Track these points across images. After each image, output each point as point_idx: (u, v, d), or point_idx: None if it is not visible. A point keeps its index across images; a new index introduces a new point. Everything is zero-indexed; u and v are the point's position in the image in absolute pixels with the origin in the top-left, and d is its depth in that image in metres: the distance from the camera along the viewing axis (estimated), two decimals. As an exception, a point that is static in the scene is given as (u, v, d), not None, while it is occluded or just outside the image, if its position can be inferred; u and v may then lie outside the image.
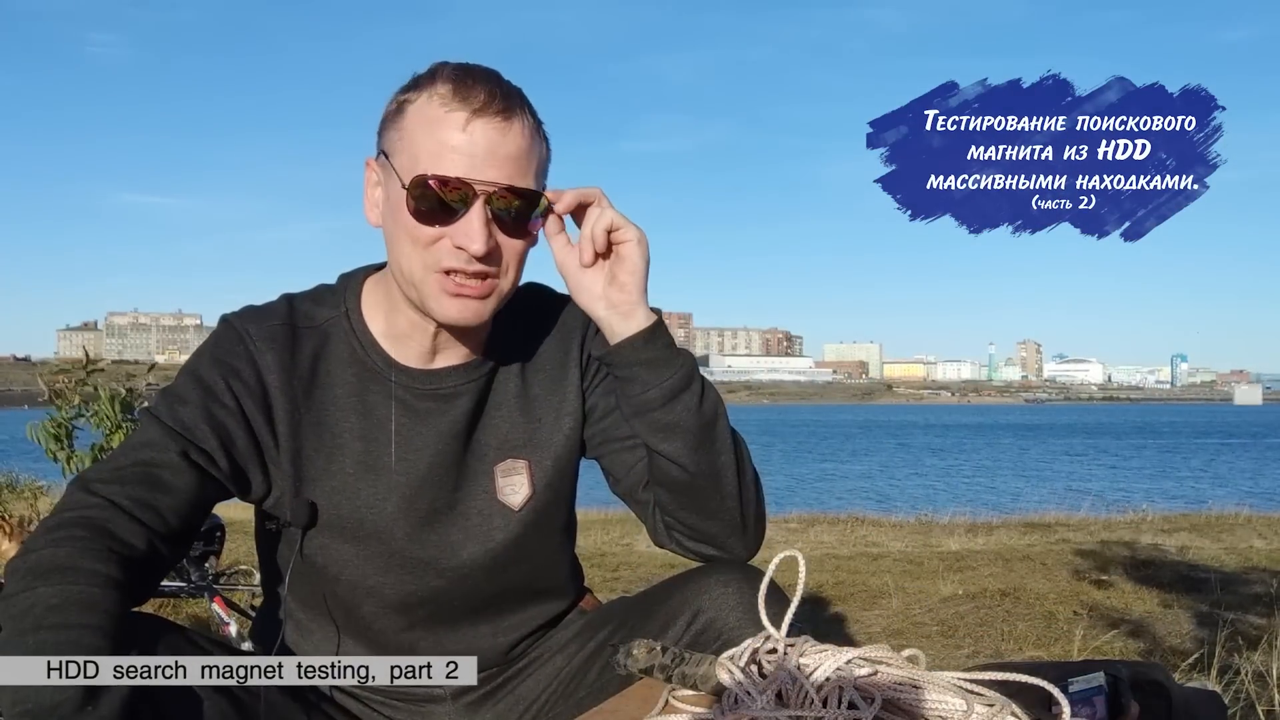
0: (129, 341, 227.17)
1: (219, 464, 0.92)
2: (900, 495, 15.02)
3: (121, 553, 0.83)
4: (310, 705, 0.99)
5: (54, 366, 3.52)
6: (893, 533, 6.43)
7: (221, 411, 0.93)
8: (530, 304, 1.07)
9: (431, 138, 0.89)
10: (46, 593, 0.77)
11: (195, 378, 0.95)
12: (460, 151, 0.88)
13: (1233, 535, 5.93)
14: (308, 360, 0.98)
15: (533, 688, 1.07)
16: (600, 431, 1.05)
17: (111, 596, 0.79)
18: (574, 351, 1.06)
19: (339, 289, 1.03)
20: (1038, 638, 2.94)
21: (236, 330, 0.97)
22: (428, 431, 0.99)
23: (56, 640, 0.74)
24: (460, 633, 1.04)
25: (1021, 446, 37.67)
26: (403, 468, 0.98)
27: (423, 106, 0.90)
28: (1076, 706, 1.03)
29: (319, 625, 1.03)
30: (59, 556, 0.80)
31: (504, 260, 0.93)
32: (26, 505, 4.30)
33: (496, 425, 1.02)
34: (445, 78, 0.90)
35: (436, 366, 1.00)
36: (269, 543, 1.04)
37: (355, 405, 0.98)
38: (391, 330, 0.99)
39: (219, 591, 2.49)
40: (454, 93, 0.89)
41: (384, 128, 0.94)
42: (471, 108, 0.88)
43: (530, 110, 0.93)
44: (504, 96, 0.90)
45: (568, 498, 1.07)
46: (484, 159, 0.88)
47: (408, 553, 0.99)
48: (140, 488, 0.87)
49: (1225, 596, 3.44)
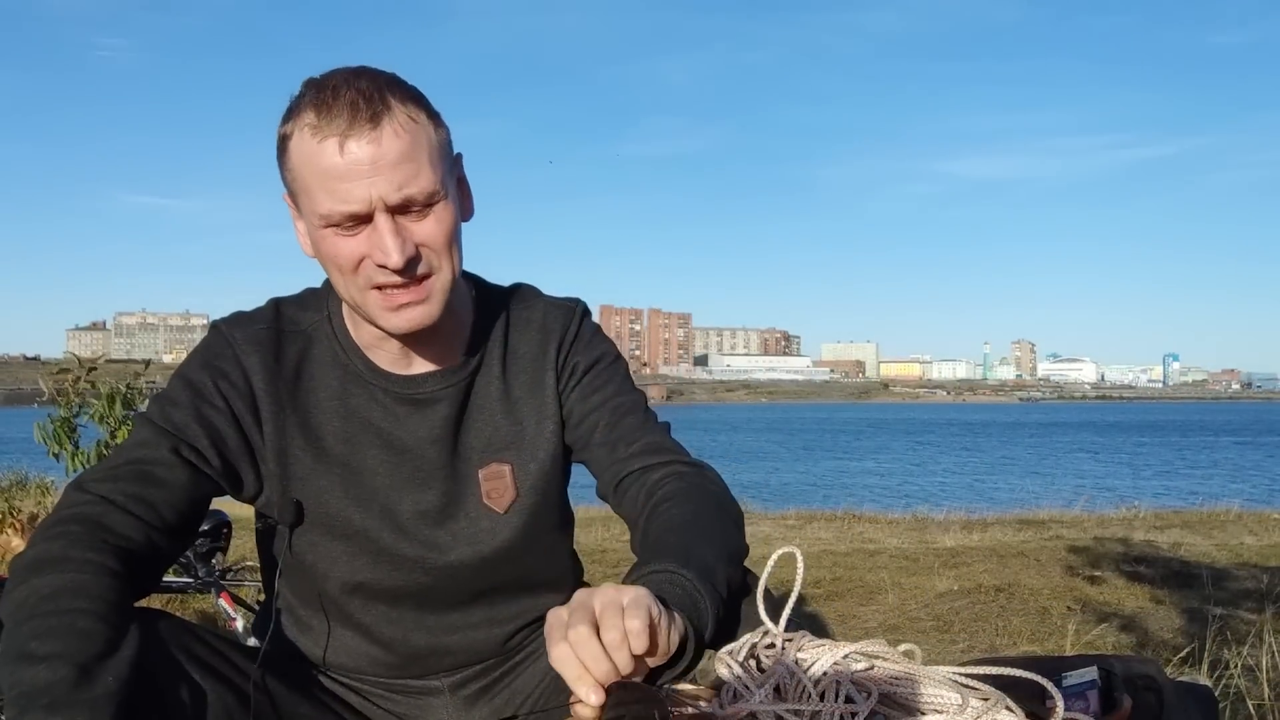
0: (137, 341, 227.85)
1: (211, 461, 0.94)
2: (942, 493, 14.85)
3: (116, 544, 0.84)
4: (308, 695, 1.00)
5: (54, 366, 3.54)
6: (889, 529, 6.46)
7: (211, 411, 0.95)
8: (512, 304, 1.08)
9: (316, 175, 0.88)
10: (39, 583, 0.78)
11: (185, 381, 0.97)
12: (347, 177, 0.87)
13: (1224, 532, 5.97)
14: (292, 363, 0.99)
15: (528, 681, 1.08)
16: (578, 438, 1.06)
17: (105, 583, 0.79)
18: (551, 354, 1.06)
19: (323, 294, 1.04)
20: (1031, 633, 2.97)
21: (223, 335, 0.99)
22: (408, 436, 1.00)
23: (49, 625, 0.74)
24: (452, 625, 1.04)
25: (1037, 443, 37.82)
26: (386, 470, 1.00)
27: (299, 143, 0.89)
28: (1070, 701, 1.05)
29: (312, 619, 1.05)
30: (53, 550, 0.81)
31: (432, 256, 0.92)
32: (35, 502, 4.32)
33: (479, 429, 1.03)
34: (308, 104, 0.88)
35: (414, 372, 1.01)
36: (265, 540, 1.06)
37: (338, 408, 1.00)
38: (363, 340, 1.01)
39: (225, 587, 2.51)
40: (319, 118, 0.87)
41: (279, 163, 0.94)
42: (339, 130, 0.86)
43: (402, 99, 0.89)
44: (367, 103, 0.87)
45: (555, 497, 1.07)
46: (370, 172, 0.87)
47: (395, 550, 1.00)
48: (133, 484, 0.88)
49: (1216, 592, 3.48)
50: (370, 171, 0.87)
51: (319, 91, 0.89)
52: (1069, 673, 1.02)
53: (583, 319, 1.10)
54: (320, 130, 0.87)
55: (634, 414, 1.07)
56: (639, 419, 1.07)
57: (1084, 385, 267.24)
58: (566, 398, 1.07)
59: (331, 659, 1.05)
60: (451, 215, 0.93)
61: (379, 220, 0.88)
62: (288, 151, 0.91)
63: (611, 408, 1.06)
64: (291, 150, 0.90)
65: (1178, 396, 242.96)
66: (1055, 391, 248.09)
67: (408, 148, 0.88)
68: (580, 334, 1.09)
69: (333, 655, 1.05)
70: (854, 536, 5.98)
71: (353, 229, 0.89)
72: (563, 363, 1.07)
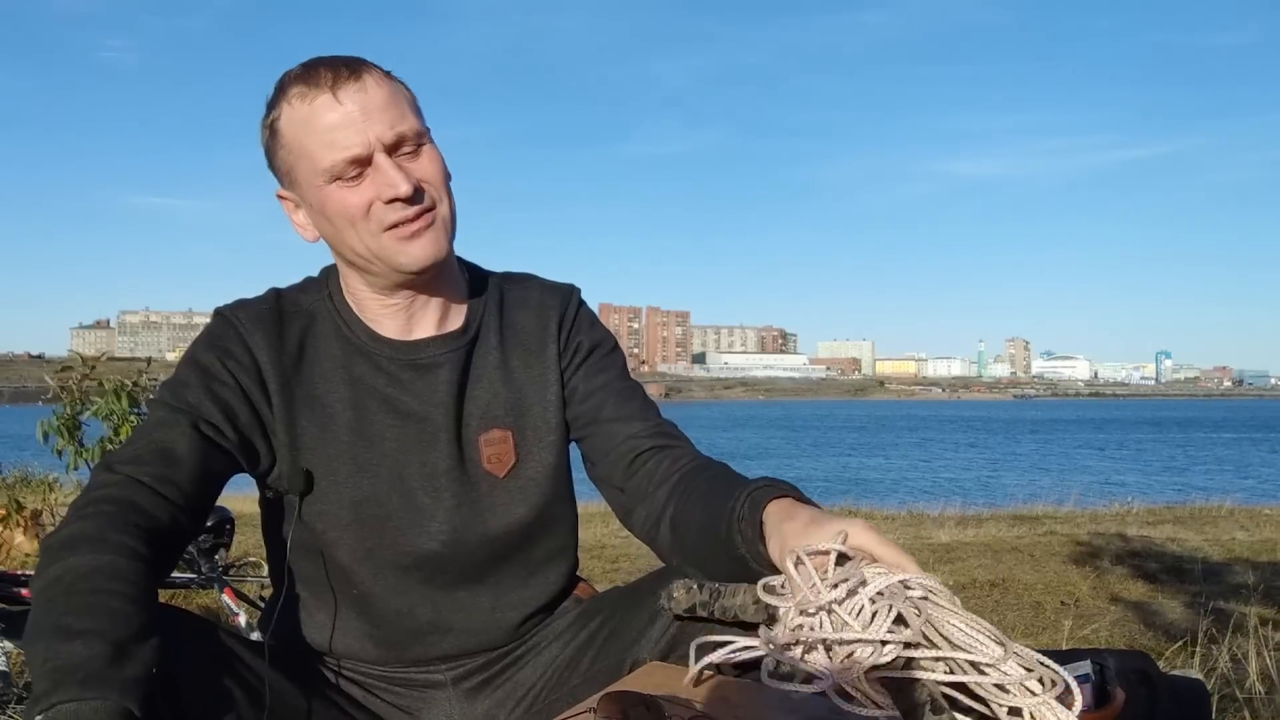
0: (141, 340, 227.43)
1: (227, 435, 0.97)
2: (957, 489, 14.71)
3: (146, 525, 0.86)
4: (313, 689, 1.01)
5: (58, 364, 3.54)
6: (884, 525, 6.49)
7: (221, 388, 0.98)
8: (507, 283, 1.12)
9: (314, 133, 0.95)
10: (76, 562, 0.79)
11: (193, 363, 1.00)
12: (342, 125, 0.94)
13: (1216, 527, 6.01)
14: (295, 338, 1.03)
15: (529, 675, 1.08)
16: (583, 414, 1.08)
17: (137, 568, 0.81)
18: (552, 329, 1.09)
19: (320, 278, 1.08)
20: (1026, 627, 2.99)
21: (227, 318, 1.02)
22: (413, 400, 1.03)
23: (86, 603, 0.75)
24: (458, 601, 1.05)
25: (1043, 440, 37.85)
26: (393, 434, 1.02)
27: (290, 114, 0.96)
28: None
29: (319, 600, 1.06)
30: (88, 529, 0.83)
31: (431, 190, 0.98)
32: (39, 499, 4.32)
33: (478, 396, 1.06)
34: (293, 80, 0.96)
35: (416, 338, 1.05)
36: (273, 521, 1.07)
37: (343, 376, 1.03)
38: (366, 313, 1.05)
39: (228, 583, 2.52)
40: (308, 85, 0.95)
41: (271, 158, 1.01)
42: (328, 85, 0.94)
43: (371, 65, 0.98)
44: (347, 63, 0.96)
45: (555, 468, 1.08)
46: (363, 118, 0.94)
47: (401, 515, 1.02)
48: (158, 464, 0.91)
49: (1209, 587, 3.51)
50: (362, 117, 0.94)
51: (301, 68, 0.97)
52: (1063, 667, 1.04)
53: (581, 301, 1.14)
54: (309, 94, 0.95)
55: (642, 399, 1.11)
56: (647, 404, 1.10)
57: (1077, 383, 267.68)
58: (569, 374, 1.09)
59: (338, 644, 1.06)
60: (440, 156, 1.00)
61: (378, 160, 0.95)
62: (279, 133, 0.97)
63: (618, 389, 1.09)
64: (283, 128, 0.97)
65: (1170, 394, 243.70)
66: (1049, 389, 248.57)
67: (390, 94, 0.97)
68: (581, 315, 1.13)
69: (339, 640, 1.06)
70: (850, 533, 6.00)
71: (356, 178, 0.95)
72: (565, 340, 1.10)
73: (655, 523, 1.03)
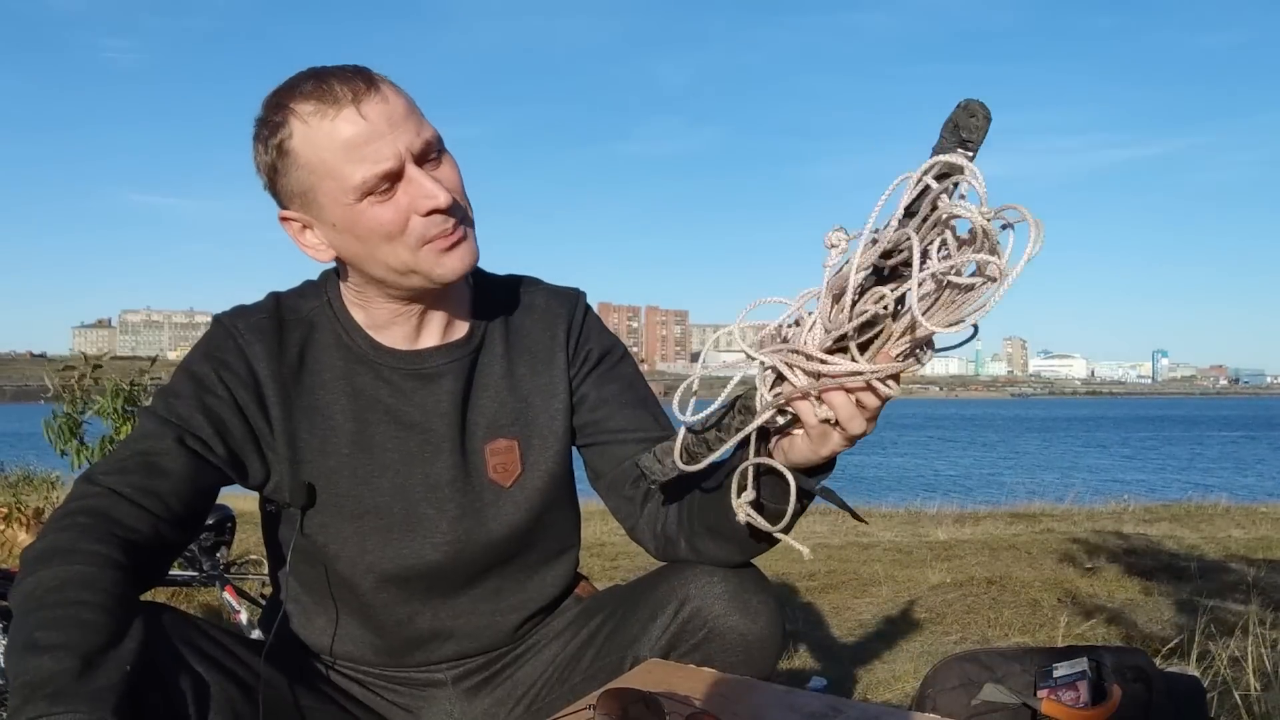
0: (142, 338, 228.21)
1: (215, 450, 0.95)
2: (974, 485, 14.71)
3: (124, 536, 0.84)
4: (312, 688, 1.01)
5: (60, 363, 3.55)
6: (883, 523, 6.50)
7: (214, 401, 0.96)
8: (511, 289, 1.10)
9: (338, 151, 0.90)
10: (47, 575, 0.79)
11: (188, 373, 0.98)
12: (372, 139, 0.89)
13: (1212, 525, 6.02)
14: (295, 348, 1.01)
15: (529, 674, 1.09)
16: (592, 422, 1.07)
17: (111, 575, 0.80)
18: (560, 336, 1.08)
19: (320, 283, 1.06)
20: (1023, 624, 3.00)
21: (225, 327, 1.00)
22: (416, 411, 1.02)
23: (55, 616, 0.75)
24: (459, 609, 1.05)
25: (1049, 439, 37.88)
26: (395, 445, 1.01)
27: (306, 133, 0.90)
28: (1061, 691, 1.08)
29: (320, 606, 1.06)
30: (62, 541, 0.82)
31: (459, 196, 0.96)
32: (41, 497, 4.32)
33: (484, 405, 1.04)
34: (305, 97, 0.90)
35: (420, 347, 1.03)
36: (272, 528, 1.07)
37: (344, 387, 1.01)
38: (373, 321, 1.03)
39: (230, 581, 2.53)
40: (323, 101, 0.90)
41: (277, 180, 0.94)
42: (349, 99, 0.89)
43: (380, 74, 0.95)
44: (358, 75, 0.91)
45: (560, 477, 1.07)
46: (390, 130, 0.90)
47: (404, 527, 1.01)
48: (140, 475, 0.89)
49: (1205, 584, 3.52)
50: (389, 127, 0.90)
51: (312, 84, 0.91)
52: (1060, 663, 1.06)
53: (587, 307, 1.12)
54: (328, 110, 0.89)
55: (654, 410, 1.09)
56: (658, 414, 1.08)
57: (1074, 381, 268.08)
58: (579, 382, 1.08)
59: (338, 648, 1.06)
60: (455, 161, 0.98)
61: (411, 172, 0.91)
62: (290, 154, 0.92)
63: (628, 400, 1.08)
64: (297, 149, 0.91)
65: (1166, 392, 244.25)
66: (1046, 387, 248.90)
67: (408, 103, 0.94)
68: (589, 321, 1.11)
69: (339, 645, 1.05)
70: (848, 530, 6.02)
71: (387, 192, 0.91)
72: (575, 347, 1.08)
73: (670, 541, 1.02)
